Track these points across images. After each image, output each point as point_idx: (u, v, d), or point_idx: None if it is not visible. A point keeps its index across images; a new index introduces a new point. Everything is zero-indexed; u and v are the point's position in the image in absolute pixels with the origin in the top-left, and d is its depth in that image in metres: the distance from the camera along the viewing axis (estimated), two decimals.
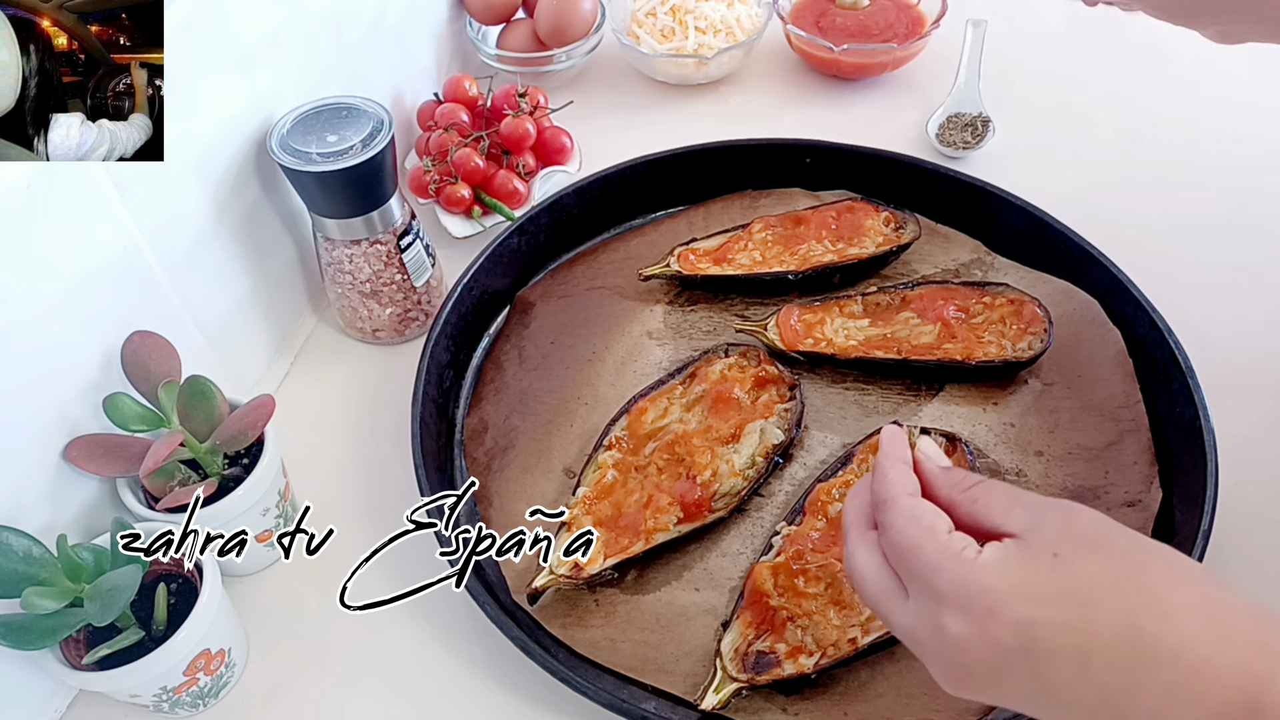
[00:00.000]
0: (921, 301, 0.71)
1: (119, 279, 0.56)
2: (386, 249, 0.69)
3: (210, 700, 0.56)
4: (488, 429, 0.68)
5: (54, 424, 0.53)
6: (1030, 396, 0.68)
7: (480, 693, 0.57)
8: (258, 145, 0.65)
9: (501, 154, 0.83)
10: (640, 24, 0.97)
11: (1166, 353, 0.66)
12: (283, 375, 0.73)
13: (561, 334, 0.74)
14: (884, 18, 0.96)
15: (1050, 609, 0.36)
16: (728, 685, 0.54)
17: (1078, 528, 0.39)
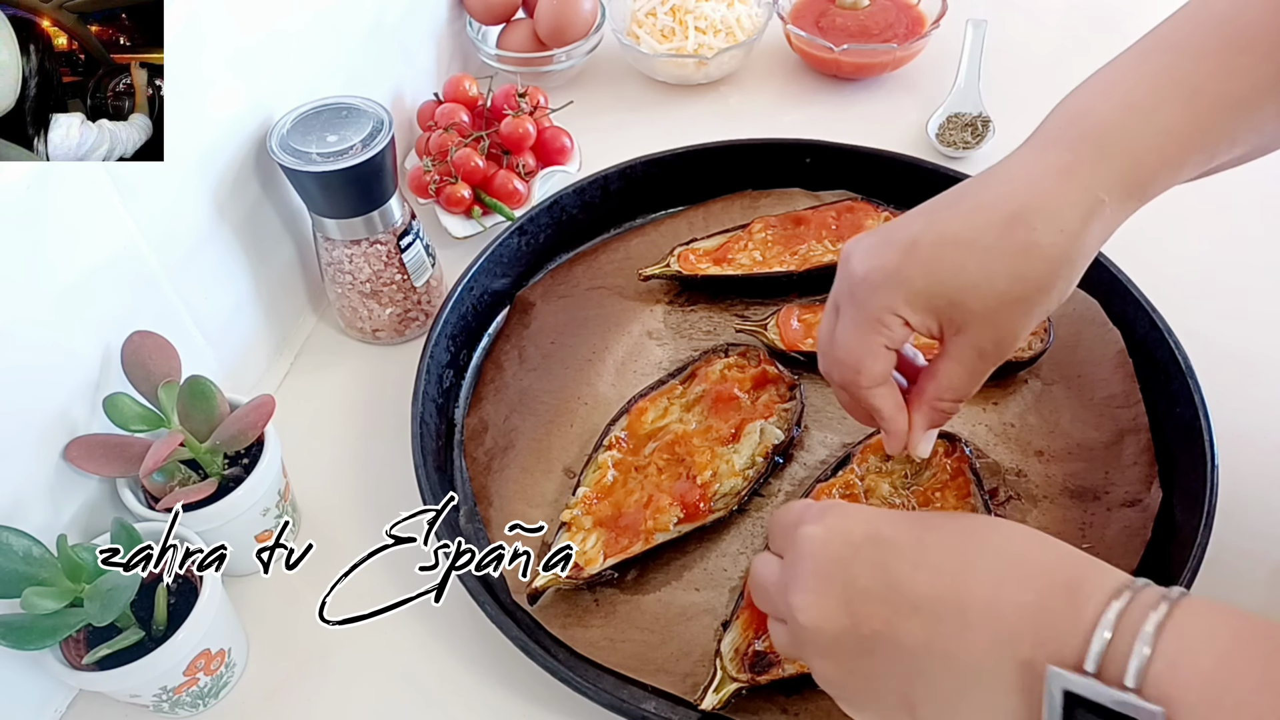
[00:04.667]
0: None
1: (119, 279, 0.56)
2: (386, 249, 0.69)
3: (210, 700, 0.56)
4: (488, 429, 0.68)
5: (54, 424, 0.53)
6: (1030, 396, 0.68)
7: (480, 693, 0.57)
8: (258, 145, 0.65)
9: (501, 154, 0.83)
10: (640, 24, 0.97)
11: (1166, 353, 0.66)
12: (283, 375, 0.73)
13: (561, 334, 0.74)
14: (884, 18, 0.96)
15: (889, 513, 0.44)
16: (728, 685, 0.54)
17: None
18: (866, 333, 0.48)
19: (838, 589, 0.41)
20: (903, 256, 0.46)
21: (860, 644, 0.40)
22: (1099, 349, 0.70)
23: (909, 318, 0.47)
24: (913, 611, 0.39)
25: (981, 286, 0.45)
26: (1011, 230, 0.45)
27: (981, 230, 0.45)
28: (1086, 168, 0.45)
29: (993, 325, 0.47)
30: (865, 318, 0.48)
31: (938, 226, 0.47)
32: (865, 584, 0.40)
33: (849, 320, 0.49)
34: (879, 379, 0.49)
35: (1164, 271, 0.72)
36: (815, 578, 0.42)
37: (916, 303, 0.46)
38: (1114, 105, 0.46)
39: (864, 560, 0.41)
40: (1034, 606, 0.37)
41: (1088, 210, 0.45)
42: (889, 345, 0.48)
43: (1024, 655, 0.36)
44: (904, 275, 0.46)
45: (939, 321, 0.47)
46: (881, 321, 0.47)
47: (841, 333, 0.49)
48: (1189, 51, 0.47)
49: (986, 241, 0.45)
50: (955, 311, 0.46)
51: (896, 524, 0.42)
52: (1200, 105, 0.45)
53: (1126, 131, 0.45)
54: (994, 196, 0.46)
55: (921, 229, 0.47)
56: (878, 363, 0.49)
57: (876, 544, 0.41)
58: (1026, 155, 0.48)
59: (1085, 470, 0.64)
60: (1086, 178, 0.45)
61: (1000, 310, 0.46)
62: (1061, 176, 0.45)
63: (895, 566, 0.40)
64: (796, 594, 0.42)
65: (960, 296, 0.46)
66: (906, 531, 0.41)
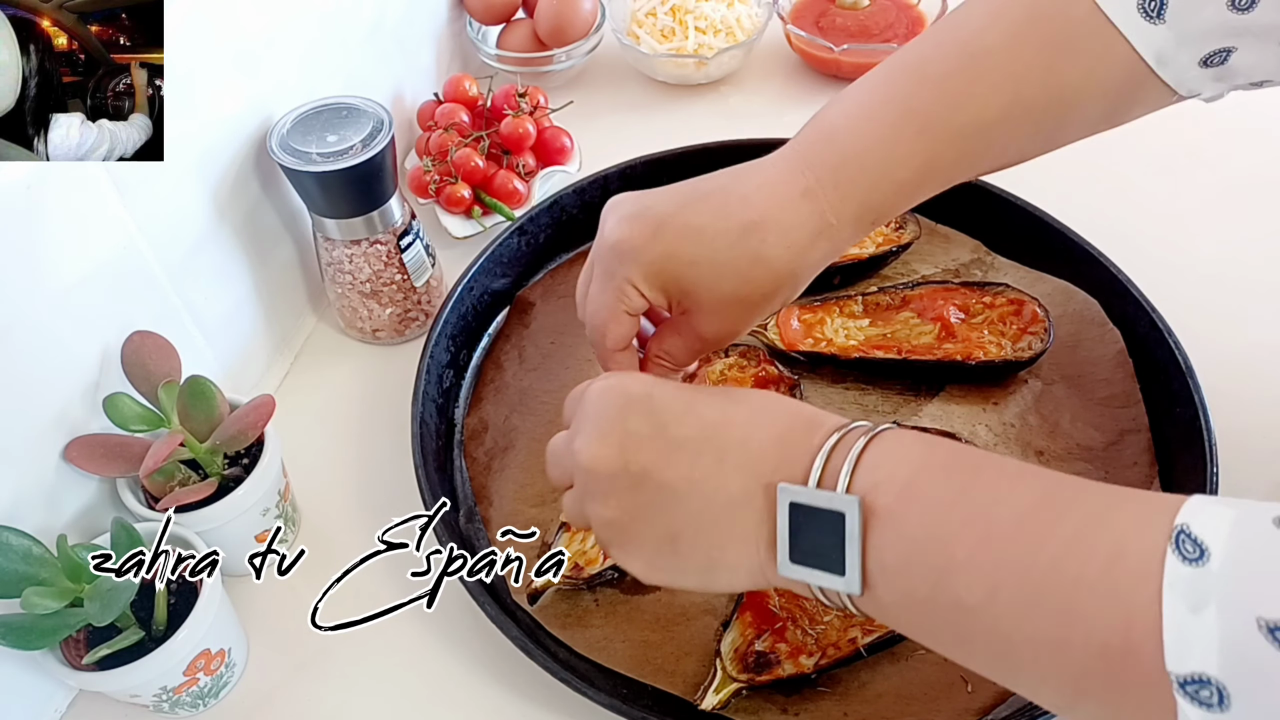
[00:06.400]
0: (921, 301, 0.71)
1: (119, 279, 0.56)
2: (386, 249, 0.69)
3: (210, 700, 0.56)
4: (488, 429, 0.68)
5: (54, 424, 0.52)
6: (1030, 396, 0.68)
7: (480, 693, 0.57)
8: (258, 145, 0.65)
9: (501, 154, 0.83)
10: (640, 24, 0.97)
11: (1166, 353, 0.66)
12: (283, 375, 0.73)
13: (561, 334, 0.74)
14: (884, 18, 0.96)
15: (666, 381, 0.47)
16: (728, 685, 0.54)
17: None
18: (610, 297, 0.52)
19: (615, 435, 0.44)
20: (649, 236, 0.50)
21: (630, 481, 0.44)
22: (1099, 349, 0.70)
23: (644, 290, 0.51)
24: (676, 449, 0.43)
25: (709, 283, 0.50)
26: (746, 238, 0.49)
27: (720, 233, 0.50)
28: (824, 193, 0.50)
29: (716, 318, 0.52)
30: (610, 284, 0.52)
31: (685, 215, 0.50)
32: (636, 428, 0.44)
33: (598, 282, 0.53)
34: (621, 342, 0.54)
35: (1164, 271, 0.72)
36: (595, 426, 0.45)
37: (653, 280, 0.51)
38: (856, 135, 0.50)
39: (638, 410, 0.45)
40: (777, 440, 0.42)
41: (816, 231, 0.50)
42: (629, 311, 0.52)
43: (765, 480, 0.41)
44: (645, 255, 0.50)
45: (669, 299, 0.52)
46: (622, 290, 0.51)
47: (593, 293, 0.54)
48: (929, 78, 0.50)
49: (721, 244, 0.50)
50: (685, 298, 0.51)
51: (670, 388, 0.46)
52: (935, 135, 0.49)
53: (864, 163, 0.50)
54: (739, 201, 0.50)
55: (671, 213, 0.51)
56: (620, 326, 0.53)
57: (649, 399, 0.45)
58: (779, 167, 0.51)
59: (1085, 470, 0.64)
60: (821, 202, 0.50)
61: (724, 307, 0.51)
62: (799, 198, 0.50)
63: (664, 415, 0.44)
64: (578, 440, 0.46)
65: (691, 287, 0.51)
66: (678, 391, 0.46)
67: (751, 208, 0.50)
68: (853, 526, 0.38)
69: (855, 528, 0.38)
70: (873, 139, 0.50)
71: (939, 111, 0.49)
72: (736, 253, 0.50)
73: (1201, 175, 0.85)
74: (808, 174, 0.50)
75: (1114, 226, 0.75)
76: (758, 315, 0.52)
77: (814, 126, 0.52)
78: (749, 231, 0.49)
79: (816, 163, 0.50)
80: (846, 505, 0.38)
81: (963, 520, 0.37)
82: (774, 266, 0.50)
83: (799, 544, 0.40)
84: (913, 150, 0.49)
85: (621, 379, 0.47)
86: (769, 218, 0.50)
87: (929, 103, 0.49)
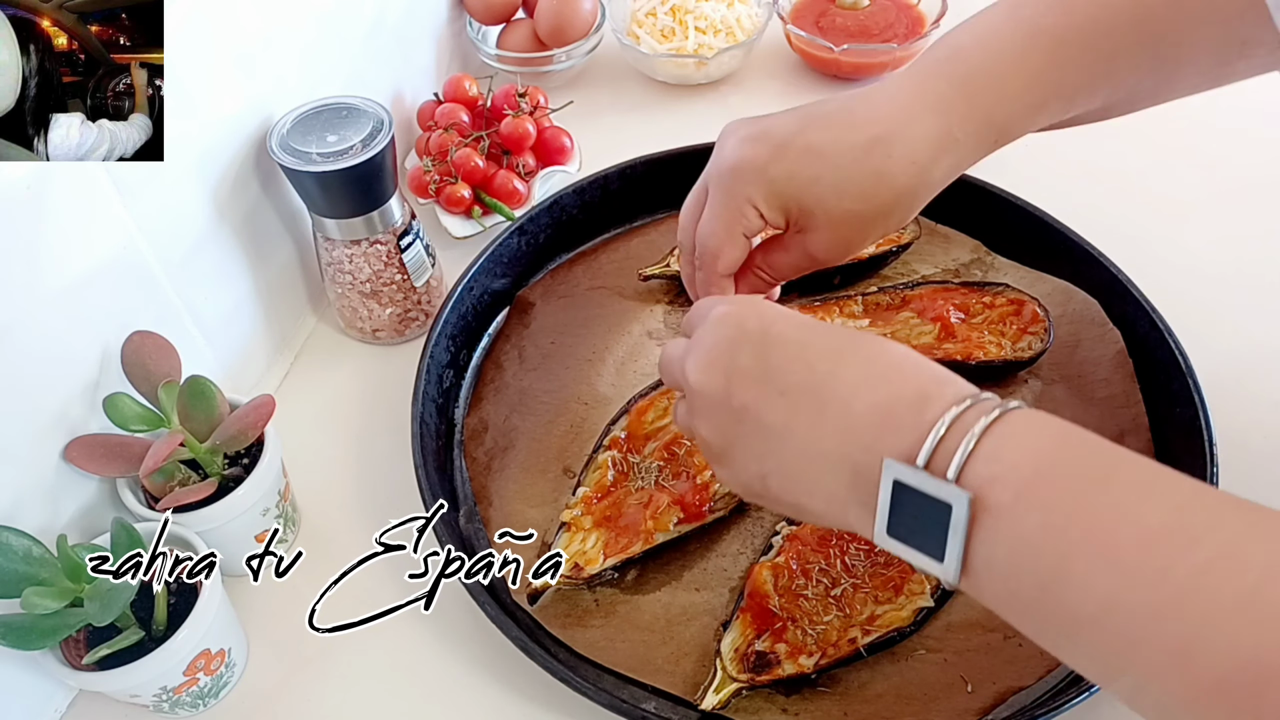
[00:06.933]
0: (922, 301, 0.71)
1: (119, 279, 0.56)
2: (386, 249, 0.69)
3: (210, 700, 0.56)
4: (488, 429, 0.68)
5: (54, 424, 0.53)
6: (1030, 396, 0.68)
7: (480, 693, 0.57)
8: (258, 145, 0.65)
9: (501, 154, 0.83)
10: (640, 24, 0.97)
11: (1166, 353, 0.66)
12: (283, 375, 0.73)
13: (561, 334, 0.74)
14: (884, 18, 0.96)
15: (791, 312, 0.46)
16: (728, 685, 0.54)
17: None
18: (729, 219, 0.52)
19: (724, 363, 0.44)
20: (771, 155, 0.51)
21: (731, 414, 0.44)
22: (1099, 349, 0.70)
23: (764, 210, 0.52)
24: (779, 395, 0.43)
25: (830, 200, 0.51)
26: (870, 154, 0.50)
27: (845, 150, 0.50)
28: (951, 105, 0.50)
29: (832, 236, 0.53)
30: (729, 204, 0.52)
31: (808, 135, 0.51)
32: (745, 364, 0.44)
33: (716, 203, 0.53)
34: (733, 266, 0.54)
35: (1164, 271, 0.72)
36: (707, 351, 0.45)
37: (773, 201, 0.51)
38: (985, 50, 0.51)
39: (750, 346, 0.44)
40: (883, 407, 0.40)
41: (941, 146, 0.50)
42: (746, 234, 0.53)
43: (865, 447, 0.39)
44: (769, 174, 0.51)
45: (787, 219, 0.52)
46: (742, 211, 0.52)
47: (709, 215, 0.54)
48: (1057, 5, 0.51)
49: (846, 160, 0.50)
50: (803, 216, 0.52)
51: (790, 322, 0.45)
52: (1064, 55, 0.50)
53: (991, 77, 0.50)
54: (864, 117, 0.51)
55: (794, 133, 0.51)
56: (735, 249, 0.53)
57: (764, 335, 0.44)
58: (905, 83, 0.52)
59: None
60: (948, 115, 0.50)
61: (842, 224, 0.52)
62: (926, 111, 0.50)
63: (775, 356, 0.43)
64: (690, 359, 0.46)
65: (811, 204, 0.51)
66: (796, 331, 0.44)
67: (876, 122, 0.50)
68: (959, 520, 0.36)
69: (962, 522, 0.36)
70: (1002, 54, 0.50)
71: (1068, 33, 0.50)
72: (860, 169, 0.50)
73: (1201, 175, 0.85)
74: (936, 85, 0.51)
75: (1114, 226, 0.75)
76: (873, 235, 0.53)
77: (939, 47, 0.53)
78: (873, 146, 0.50)
79: (944, 76, 0.51)
80: (955, 498, 0.36)
81: (1083, 534, 0.34)
82: (896, 183, 0.51)
83: (899, 519, 0.38)
84: (1042, 67, 0.50)
85: (744, 308, 0.46)
86: (894, 132, 0.50)
87: (1057, 24, 0.50)
